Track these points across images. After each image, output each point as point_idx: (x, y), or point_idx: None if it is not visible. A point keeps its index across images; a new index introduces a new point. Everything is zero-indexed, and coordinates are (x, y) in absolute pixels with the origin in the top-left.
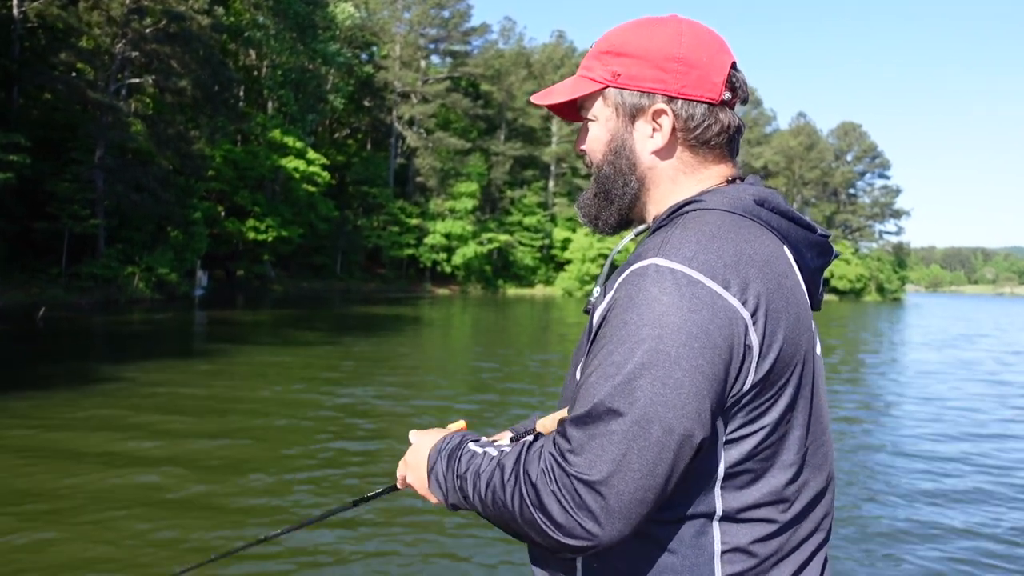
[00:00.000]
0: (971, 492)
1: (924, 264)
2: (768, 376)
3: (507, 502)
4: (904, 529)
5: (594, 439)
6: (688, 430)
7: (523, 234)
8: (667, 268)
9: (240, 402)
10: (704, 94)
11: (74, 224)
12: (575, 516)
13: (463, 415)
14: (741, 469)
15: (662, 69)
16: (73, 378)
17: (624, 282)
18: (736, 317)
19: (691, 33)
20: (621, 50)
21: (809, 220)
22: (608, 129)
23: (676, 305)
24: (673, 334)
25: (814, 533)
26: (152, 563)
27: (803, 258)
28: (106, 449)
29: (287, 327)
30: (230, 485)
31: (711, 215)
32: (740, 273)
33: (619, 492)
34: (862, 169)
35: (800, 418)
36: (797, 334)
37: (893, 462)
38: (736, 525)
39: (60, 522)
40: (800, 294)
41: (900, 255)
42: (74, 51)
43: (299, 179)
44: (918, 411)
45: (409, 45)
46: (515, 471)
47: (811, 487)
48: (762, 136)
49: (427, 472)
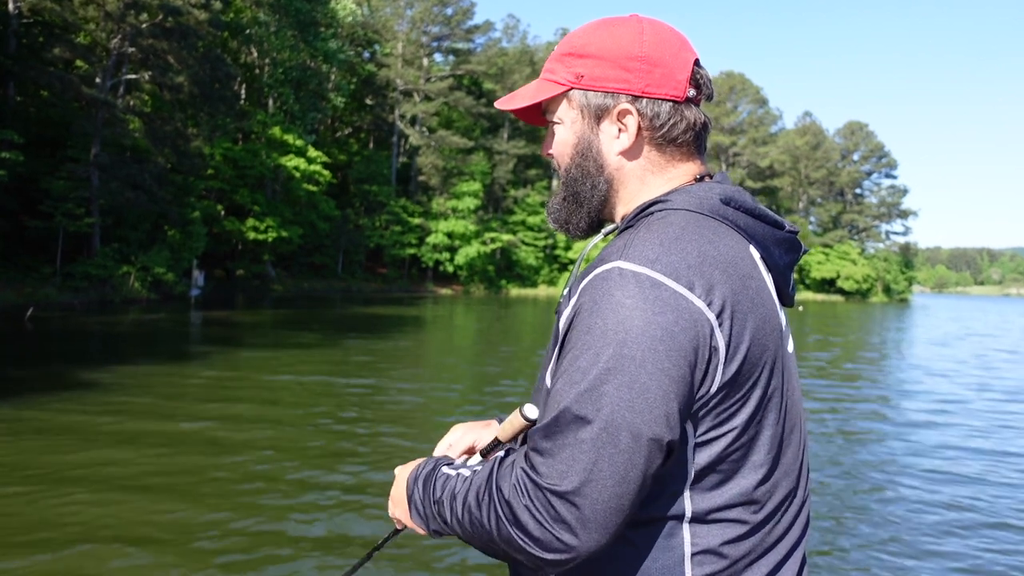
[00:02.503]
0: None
1: (930, 265)
2: (736, 377)
3: (484, 522)
4: (897, 524)
5: (563, 448)
6: (657, 435)
7: (526, 233)
8: (630, 271)
9: (218, 411)
10: (668, 92)
11: (68, 222)
12: (551, 529)
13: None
14: (711, 471)
15: (625, 69)
16: (49, 381)
17: (588, 286)
18: (701, 319)
19: (652, 32)
20: (583, 52)
21: (776, 216)
22: (574, 132)
23: (640, 308)
24: (638, 338)
25: (787, 533)
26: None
27: (771, 256)
28: (73, 460)
29: (284, 328)
30: (208, 507)
31: (676, 215)
32: (704, 274)
33: (593, 501)
34: (869, 169)
35: (770, 418)
36: (764, 334)
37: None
38: (706, 527)
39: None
40: (766, 293)
41: (907, 255)
42: (68, 45)
43: (300, 178)
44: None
45: (411, 43)
46: (488, 489)
47: (783, 487)
48: (768, 136)
49: (407, 502)
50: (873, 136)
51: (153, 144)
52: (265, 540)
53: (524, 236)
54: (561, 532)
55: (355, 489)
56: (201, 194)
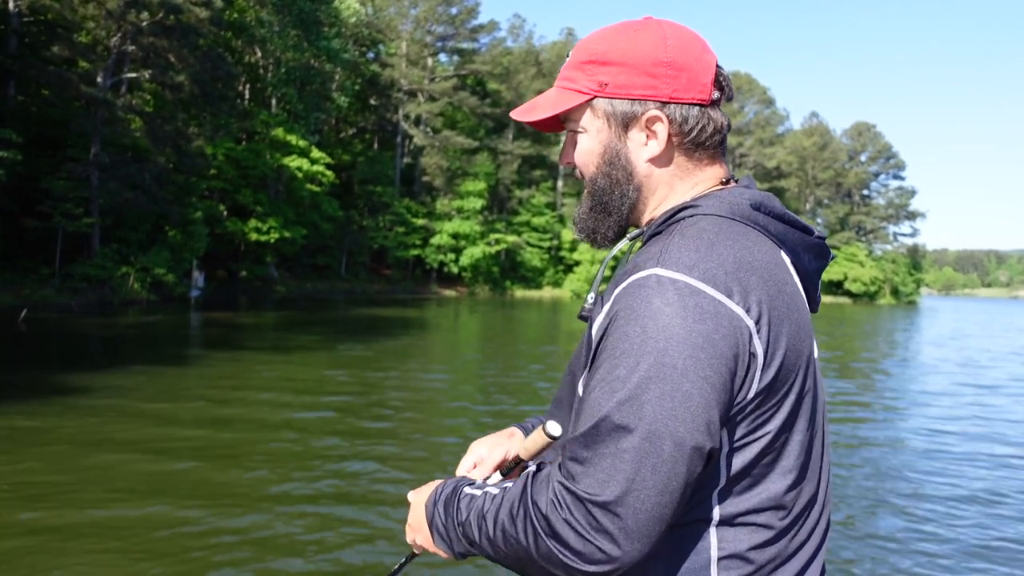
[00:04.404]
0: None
1: (937, 267)
2: (772, 383)
3: (520, 538)
4: (907, 531)
5: (603, 458)
6: (699, 443)
7: (531, 235)
8: (668, 278)
9: (210, 417)
10: (695, 96)
11: (67, 223)
12: (592, 540)
13: (485, 427)
14: (742, 476)
15: (651, 75)
16: (34, 386)
17: (623, 293)
18: (741, 325)
19: (675, 36)
20: (605, 59)
21: (804, 222)
22: (600, 141)
23: (680, 316)
24: (678, 345)
25: (810, 539)
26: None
27: (800, 261)
28: (51, 479)
29: (285, 331)
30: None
31: (708, 221)
32: (741, 280)
33: (635, 511)
34: (876, 170)
35: (801, 423)
36: (799, 340)
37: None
38: (734, 531)
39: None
40: (800, 299)
41: (915, 257)
42: (69, 44)
43: (302, 178)
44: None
45: (416, 42)
46: (523, 505)
47: (807, 492)
48: (775, 136)
49: (428, 527)
50: (881, 137)
51: (154, 144)
52: (267, 548)
53: (529, 237)
54: (603, 542)
55: (363, 500)
56: (203, 194)
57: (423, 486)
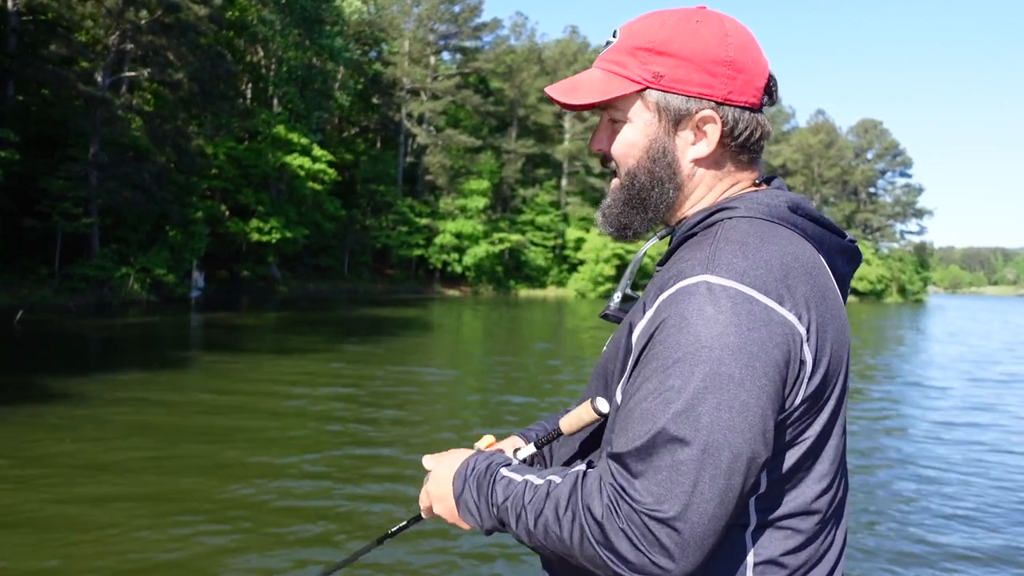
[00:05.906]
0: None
1: (943, 265)
2: (817, 390)
3: (564, 538)
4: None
5: (660, 471)
6: (756, 453)
7: (535, 233)
8: (719, 285)
9: (207, 424)
10: (748, 99)
11: (65, 222)
12: (647, 554)
13: (489, 427)
14: (781, 482)
15: (710, 73)
16: (22, 390)
17: (671, 300)
18: (793, 332)
19: (736, 34)
20: (663, 49)
21: (838, 226)
22: (646, 135)
23: (734, 324)
24: (734, 355)
25: (834, 542)
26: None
27: (835, 264)
28: (44, 482)
29: (286, 332)
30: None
31: (748, 224)
32: (791, 287)
33: (693, 525)
34: (883, 167)
35: (837, 428)
36: (840, 345)
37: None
38: (768, 536)
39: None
40: (839, 303)
41: (922, 255)
42: (66, 42)
43: (304, 177)
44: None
45: (418, 41)
46: (571, 506)
47: (837, 497)
48: (780, 134)
49: (455, 500)
50: (887, 134)
51: (154, 143)
52: (271, 557)
53: (533, 236)
54: (659, 557)
55: (372, 500)
56: (204, 194)
57: (442, 453)
